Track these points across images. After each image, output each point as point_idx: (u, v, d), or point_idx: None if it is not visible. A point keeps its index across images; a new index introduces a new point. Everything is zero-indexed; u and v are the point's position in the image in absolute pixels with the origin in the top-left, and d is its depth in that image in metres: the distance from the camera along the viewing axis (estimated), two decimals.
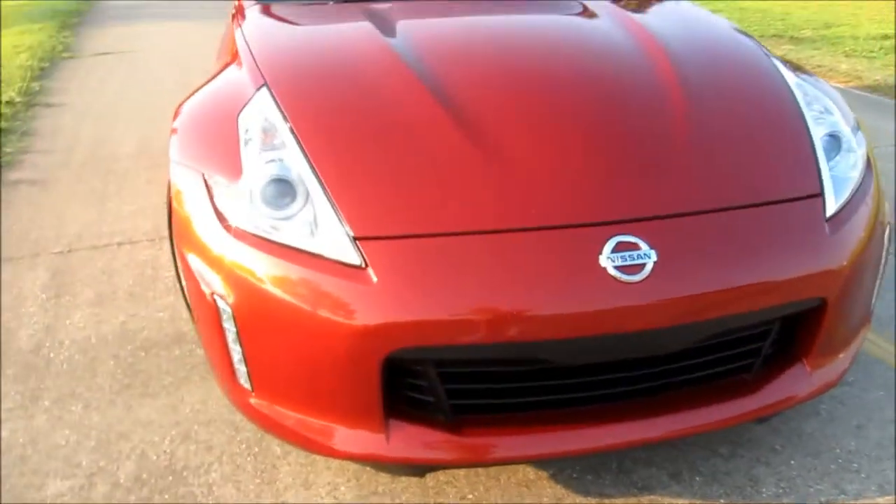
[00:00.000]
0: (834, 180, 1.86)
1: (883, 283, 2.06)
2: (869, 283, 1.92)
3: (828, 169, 1.88)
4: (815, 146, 1.92)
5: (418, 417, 1.71)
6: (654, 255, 1.61)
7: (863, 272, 1.84)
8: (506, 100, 1.96)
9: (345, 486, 1.99)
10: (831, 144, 1.95)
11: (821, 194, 1.82)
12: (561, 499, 1.94)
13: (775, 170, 1.86)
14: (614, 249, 1.61)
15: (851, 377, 2.34)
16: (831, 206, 1.81)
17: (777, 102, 2.05)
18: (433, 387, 1.68)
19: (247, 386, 1.77)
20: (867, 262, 1.85)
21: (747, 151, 1.88)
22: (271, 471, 2.04)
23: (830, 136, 1.97)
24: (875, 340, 2.52)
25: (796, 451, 2.08)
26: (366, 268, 1.61)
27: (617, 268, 1.59)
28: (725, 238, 1.70)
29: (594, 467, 2.02)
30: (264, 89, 1.98)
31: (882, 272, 1.99)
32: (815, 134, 1.95)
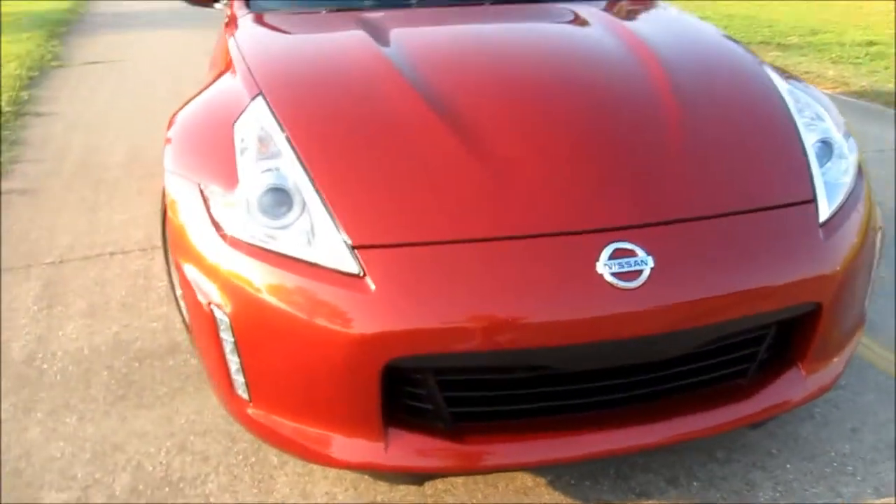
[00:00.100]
0: (826, 186, 1.88)
1: (876, 290, 2.08)
2: (862, 288, 1.93)
3: (820, 175, 1.90)
4: (807, 152, 1.94)
5: (417, 425, 1.71)
6: (651, 262, 1.62)
7: (856, 276, 1.85)
8: (501, 108, 1.97)
9: (342, 496, 1.98)
10: (823, 150, 1.97)
11: (814, 200, 1.84)
12: None
13: (769, 176, 1.88)
14: (611, 256, 1.62)
15: (844, 381, 2.36)
16: (824, 212, 1.83)
17: (769, 109, 2.07)
18: (432, 395, 1.68)
19: (244, 396, 1.77)
20: (860, 267, 1.86)
21: (741, 158, 1.90)
22: (269, 481, 2.04)
23: (822, 143, 1.99)
24: (867, 344, 2.54)
25: (792, 454, 2.09)
26: (364, 276, 1.61)
27: (614, 274, 1.60)
28: (721, 244, 1.71)
29: (592, 473, 2.03)
30: (259, 98, 1.99)
31: (874, 277, 2.01)
32: (807, 140, 1.97)
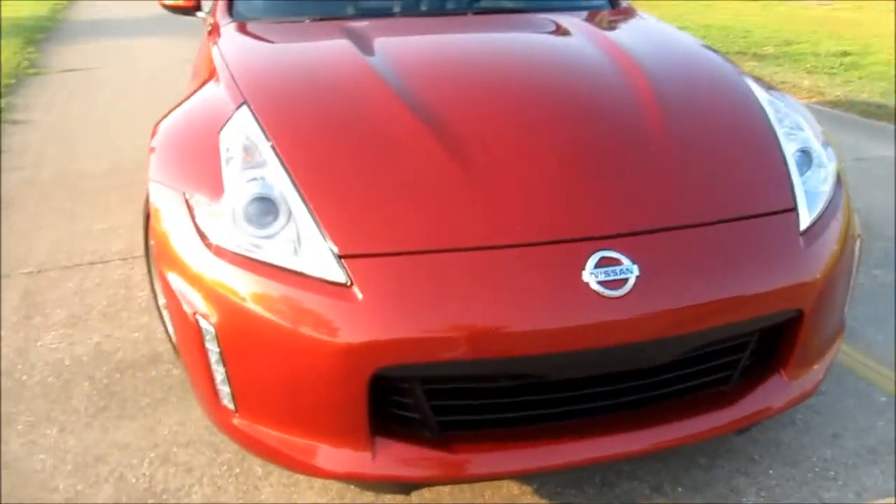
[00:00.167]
0: (807, 195, 1.91)
1: (855, 297, 2.12)
2: (842, 295, 1.96)
3: (801, 184, 1.92)
4: (787, 161, 1.97)
5: (404, 434, 1.71)
6: (637, 270, 1.63)
7: (836, 284, 1.88)
8: (486, 117, 1.98)
9: None
10: (803, 160, 2.00)
11: (795, 208, 1.86)
12: None
13: (751, 185, 1.90)
14: (597, 265, 1.63)
15: (824, 387, 2.38)
16: (805, 220, 1.85)
17: (750, 119, 2.10)
18: (419, 403, 1.68)
19: (230, 406, 1.76)
20: (840, 274, 1.89)
21: (724, 167, 1.92)
22: (253, 492, 2.02)
23: (802, 152, 2.02)
24: (846, 351, 2.57)
25: (774, 460, 2.12)
26: (351, 285, 1.61)
27: (600, 283, 1.61)
28: (706, 252, 1.73)
29: (578, 481, 2.04)
30: (244, 107, 1.98)
31: (853, 284, 2.04)
32: (787, 150, 2.00)
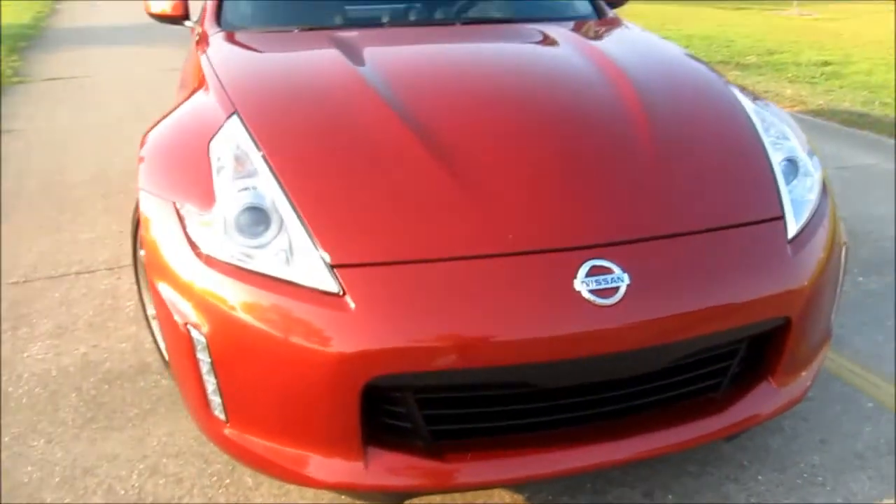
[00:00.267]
0: (793, 203, 1.93)
1: (841, 304, 2.14)
2: (829, 302, 1.99)
3: (787, 192, 1.95)
4: (774, 170, 1.99)
5: (396, 444, 1.71)
6: (627, 279, 1.64)
7: (823, 291, 1.90)
8: (477, 126, 1.99)
9: None
10: (789, 169, 2.03)
11: (782, 217, 1.88)
12: None
13: (739, 193, 1.92)
14: (588, 273, 1.64)
15: (811, 394, 2.40)
16: (792, 229, 1.87)
17: (737, 128, 2.13)
18: (411, 413, 1.68)
19: (221, 417, 1.75)
20: (827, 282, 1.92)
21: (712, 176, 1.95)
22: (244, 502, 2.01)
23: (788, 161, 2.04)
24: (833, 358, 2.60)
25: (763, 466, 2.13)
26: (343, 295, 1.61)
27: (592, 291, 1.62)
28: (696, 260, 1.75)
29: (570, 489, 2.04)
30: (235, 117, 1.98)
31: (839, 292, 2.06)
32: (774, 159, 2.02)
